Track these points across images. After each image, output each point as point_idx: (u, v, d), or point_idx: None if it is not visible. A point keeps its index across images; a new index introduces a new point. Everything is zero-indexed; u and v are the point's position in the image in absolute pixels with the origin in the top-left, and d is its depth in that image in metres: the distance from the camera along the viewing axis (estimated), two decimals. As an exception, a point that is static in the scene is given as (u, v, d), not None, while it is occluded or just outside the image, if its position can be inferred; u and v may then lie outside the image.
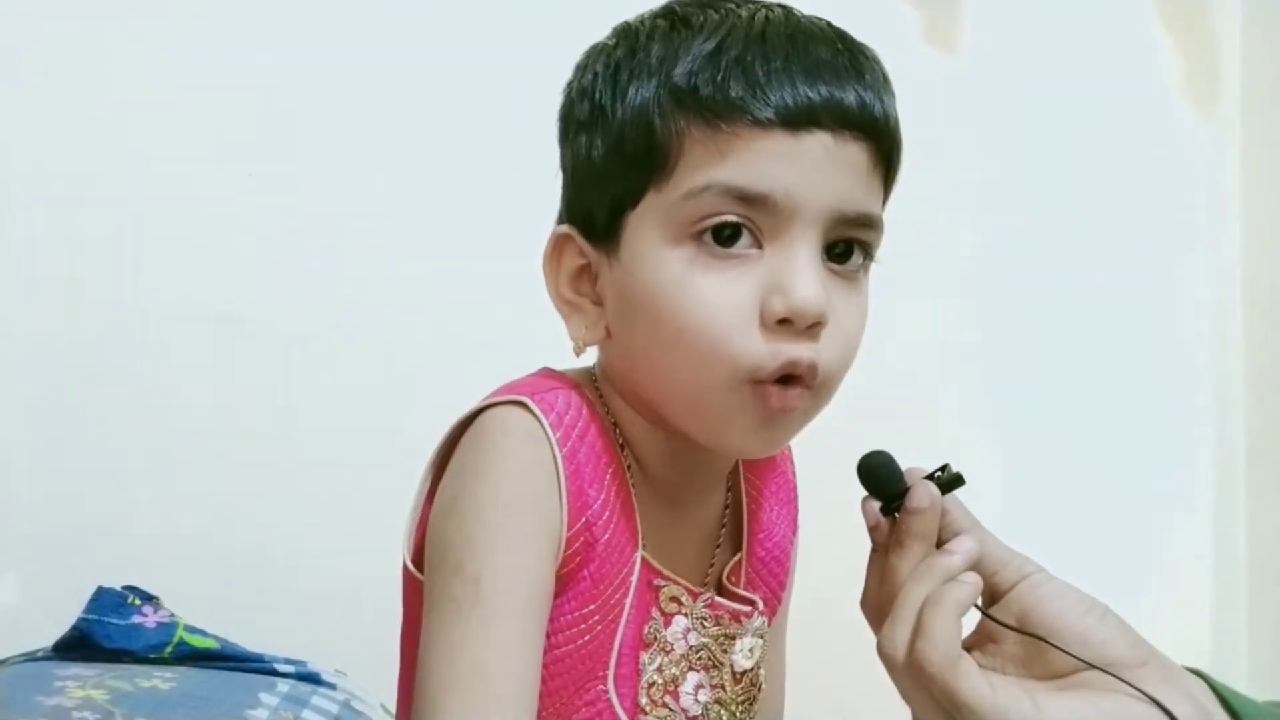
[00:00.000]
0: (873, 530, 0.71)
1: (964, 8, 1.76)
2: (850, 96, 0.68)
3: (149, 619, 1.20)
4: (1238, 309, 1.93)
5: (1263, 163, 1.90)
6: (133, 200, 1.40)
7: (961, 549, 0.68)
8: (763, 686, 0.80)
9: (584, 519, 0.69)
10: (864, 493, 0.71)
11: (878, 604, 0.71)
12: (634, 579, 0.73)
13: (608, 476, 0.71)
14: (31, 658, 1.16)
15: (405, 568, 0.73)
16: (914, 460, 0.72)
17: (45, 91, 1.38)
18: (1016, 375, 1.79)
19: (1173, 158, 1.89)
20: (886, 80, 0.71)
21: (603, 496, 0.71)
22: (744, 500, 0.82)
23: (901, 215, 0.76)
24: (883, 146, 0.70)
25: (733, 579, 0.80)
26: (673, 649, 0.75)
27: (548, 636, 0.69)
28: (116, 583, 1.21)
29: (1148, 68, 1.89)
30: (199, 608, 1.24)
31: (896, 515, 0.70)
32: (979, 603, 0.69)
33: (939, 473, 0.70)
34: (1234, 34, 1.92)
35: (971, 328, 1.76)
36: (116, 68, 1.40)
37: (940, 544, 0.69)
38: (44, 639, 1.17)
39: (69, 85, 1.38)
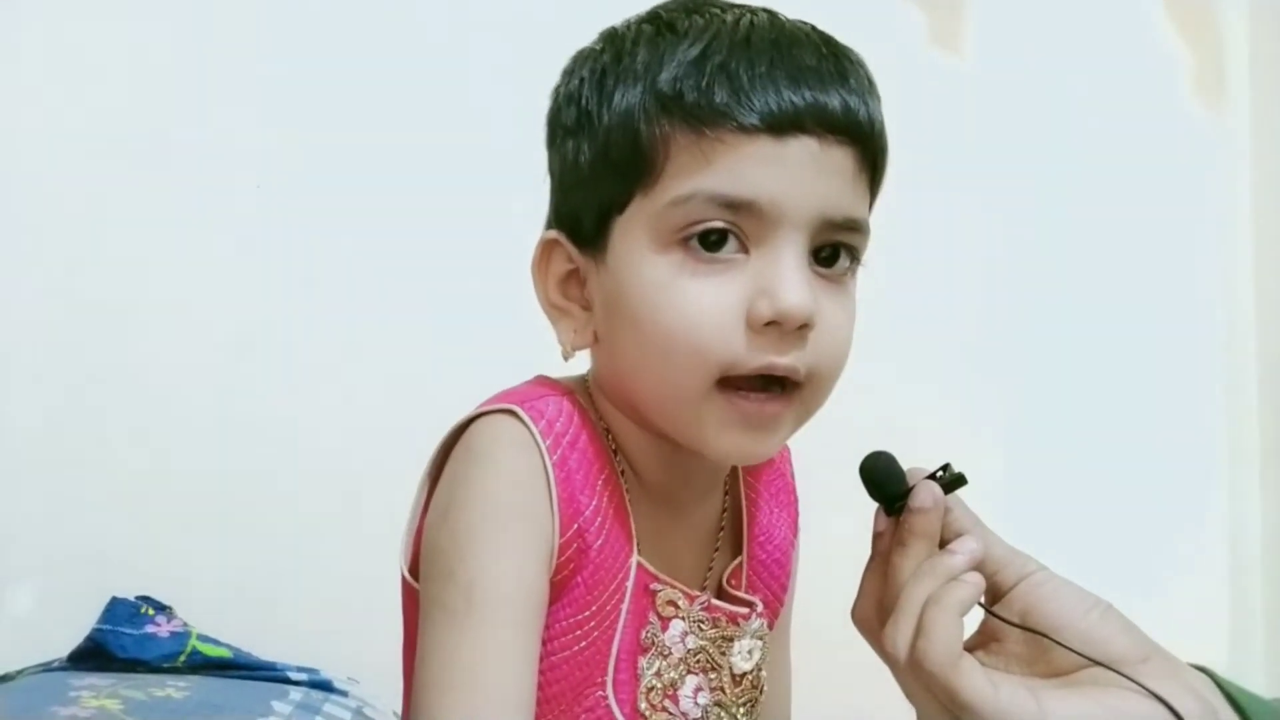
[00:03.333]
0: (877, 537, 0.71)
1: (970, 10, 1.76)
2: (835, 101, 0.67)
3: (162, 629, 1.21)
4: (1250, 308, 1.91)
5: (1273, 160, 1.89)
6: (140, 212, 1.42)
7: (964, 549, 0.68)
8: (765, 689, 0.80)
9: (576, 525, 0.69)
10: (867, 494, 0.71)
11: (867, 615, 0.71)
12: (629, 584, 0.73)
13: (600, 482, 0.71)
14: (47, 668, 1.17)
15: (403, 577, 0.74)
16: (917, 461, 0.71)
17: (48, 103, 1.39)
18: (1027, 375, 1.78)
19: (1182, 156, 1.88)
20: (872, 84, 0.71)
21: (595, 503, 0.71)
22: (743, 503, 0.82)
23: (909, 215, 0.75)
24: (868, 150, 0.70)
25: (733, 582, 0.80)
26: (671, 653, 0.75)
27: (544, 644, 0.69)
28: (130, 593, 1.22)
29: (1155, 66, 1.88)
30: (212, 617, 1.25)
31: (899, 515, 0.69)
32: (982, 601, 0.68)
33: (941, 472, 0.70)
34: (1241, 31, 1.91)
35: (979, 327, 1.75)
36: (119, 75, 1.42)
37: (943, 544, 0.69)
38: (59, 649, 1.19)
39: (71, 94, 1.40)
